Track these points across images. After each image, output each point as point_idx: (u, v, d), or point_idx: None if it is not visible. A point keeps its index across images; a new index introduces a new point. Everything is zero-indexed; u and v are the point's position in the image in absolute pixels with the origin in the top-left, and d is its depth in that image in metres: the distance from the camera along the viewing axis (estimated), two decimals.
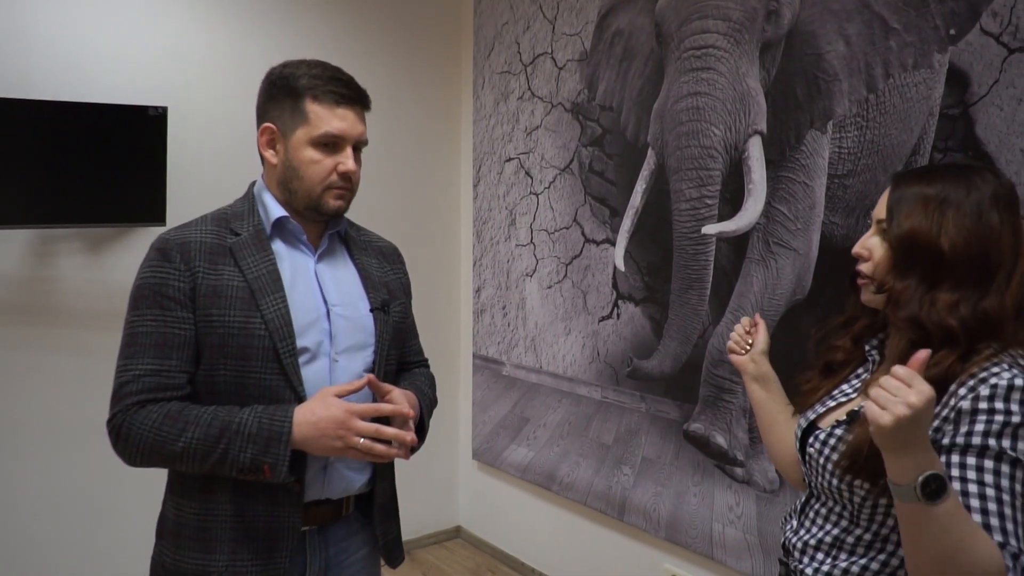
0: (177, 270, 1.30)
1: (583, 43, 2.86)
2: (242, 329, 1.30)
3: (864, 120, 2.00)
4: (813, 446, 1.19)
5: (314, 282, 1.40)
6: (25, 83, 2.53)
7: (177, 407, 1.27)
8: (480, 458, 3.50)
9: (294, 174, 1.36)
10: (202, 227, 1.36)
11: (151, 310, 1.29)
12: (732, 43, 2.29)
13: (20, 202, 2.45)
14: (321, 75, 1.36)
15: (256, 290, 1.31)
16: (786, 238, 2.20)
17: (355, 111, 1.39)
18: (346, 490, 1.41)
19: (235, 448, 1.23)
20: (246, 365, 1.30)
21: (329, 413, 1.24)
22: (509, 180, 3.26)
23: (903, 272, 1.13)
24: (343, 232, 1.49)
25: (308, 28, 3.12)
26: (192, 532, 1.33)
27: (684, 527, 2.53)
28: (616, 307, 2.76)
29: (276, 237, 1.39)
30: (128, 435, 1.26)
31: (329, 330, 1.37)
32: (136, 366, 1.28)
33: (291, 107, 1.35)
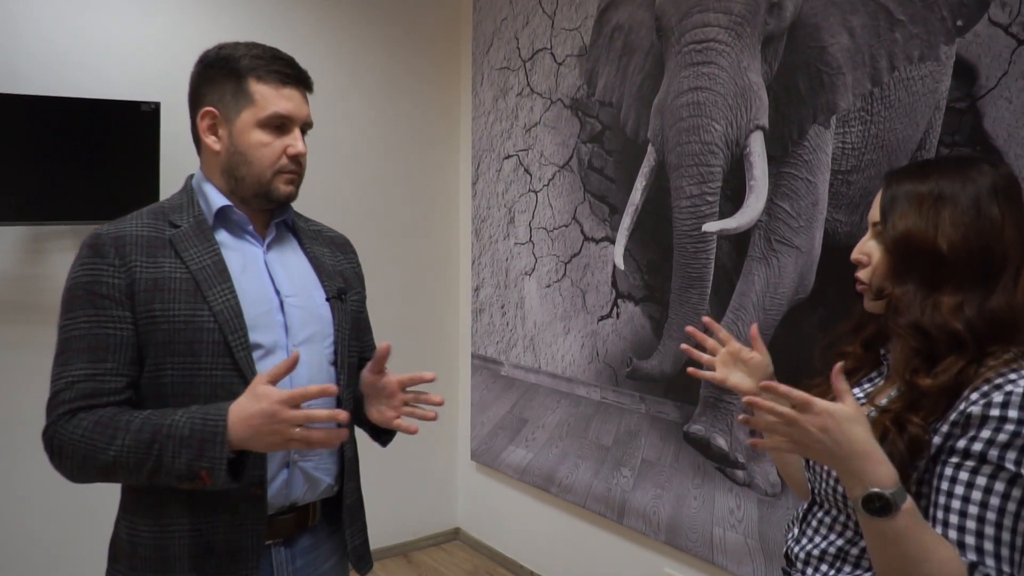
0: (111, 266, 1.20)
1: (583, 38, 2.81)
2: (189, 323, 1.20)
3: (868, 114, 1.95)
4: None
5: (264, 272, 1.31)
6: (15, 77, 2.50)
7: (109, 413, 1.16)
8: (479, 459, 3.46)
9: (242, 159, 1.28)
10: (137, 221, 1.27)
11: (84, 311, 1.19)
12: (733, 37, 2.24)
13: (11, 199, 2.42)
14: (263, 55, 1.29)
15: (201, 281, 1.22)
16: (788, 236, 2.15)
17: (300, 92, 1.32)
18: (311, 492, 1.32)
19: (168, 454, 1.13)
20: (195, 362, 1.21)
21: (259, 407, 1.12)
22: (508, 177, 3.21)
23: (901, 276, 1.07)
24: (290, 221, 1.40)
25: (304, 24, 3.08)
26: (148, 552, 1.22)
27: (684, 530, 2.48)
28: (616, 306, 2.72)
29: (220, 228, 1.30)
30: (61, 448, 1.16)
31: (284, 322, 1.29)
32: (69, 373, 1.17)
33: (233, 89, 1.27)
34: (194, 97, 1.33)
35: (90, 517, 2.69)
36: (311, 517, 1.35)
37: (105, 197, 2.53)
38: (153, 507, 1.23)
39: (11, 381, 2.58)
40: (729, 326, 2.30)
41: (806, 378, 1.32)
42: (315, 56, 3.10)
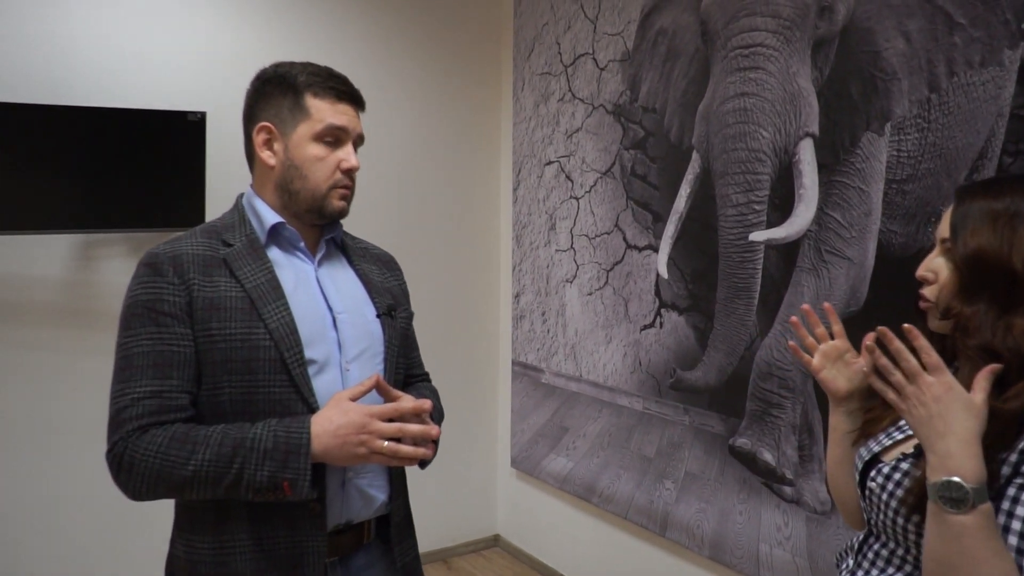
0: (171, 284, 1.21)
1: (625, 43, 2.77)
2: (245, 341, 1.22)
3: (926, 121, 1.88)
4: (875, 480, 1.09)
5: (316, 289, 1.33)
6: (68, 90, 2.55)
7: (183, 428, 1.18)
8: (519, 466, 3.43)
9: (296, 173, 1.30)
10: (192, 240, 1.28)
11: (146, 328, 1.20)
12: (782, 41, 2.18)
13: (63, 207, 2.47)
14: (319, 72, 1.32)
15: (256, 299, 1.23)
16: (839, 246, 2.08)
17: (354, 107, 1.34)
18: (365, 509, 1.33)
19: (251, 466, 1.15)
20: (253, 379, 1.22)
21: (348, 419, 1.16)
22: (549, 184, 3.18)
23: (971, 296, 1.02)
24: (339, 239, 1.42)
25: (346, 32, 3.09)
26: (208, 570, 1.23)
27: (729, 546, 2.42)
28: (659, 315, 2.67)
29: (272, 245, 1.32)
30: (132, 464, 1.16)
31: (337, 338, 1.30)
32: (134, 389, 1.18)
33: (290, 104, 1.30)
34: (249, 113, 1.35)
35: (137, 518, 2.74)
36: (366, 535, 1.35)
37: (153, 205, 2.57)
38: (213, 524, 1.24)
39: (64, 384, 2.63)
40: (777, 338, 2.25)
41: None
42: (357, 64, 3.11)
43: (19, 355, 2.57)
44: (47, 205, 2.44)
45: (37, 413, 2.60)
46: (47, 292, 2.60)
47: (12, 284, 2.54)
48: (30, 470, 2.60)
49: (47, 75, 2.52)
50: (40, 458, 2.61)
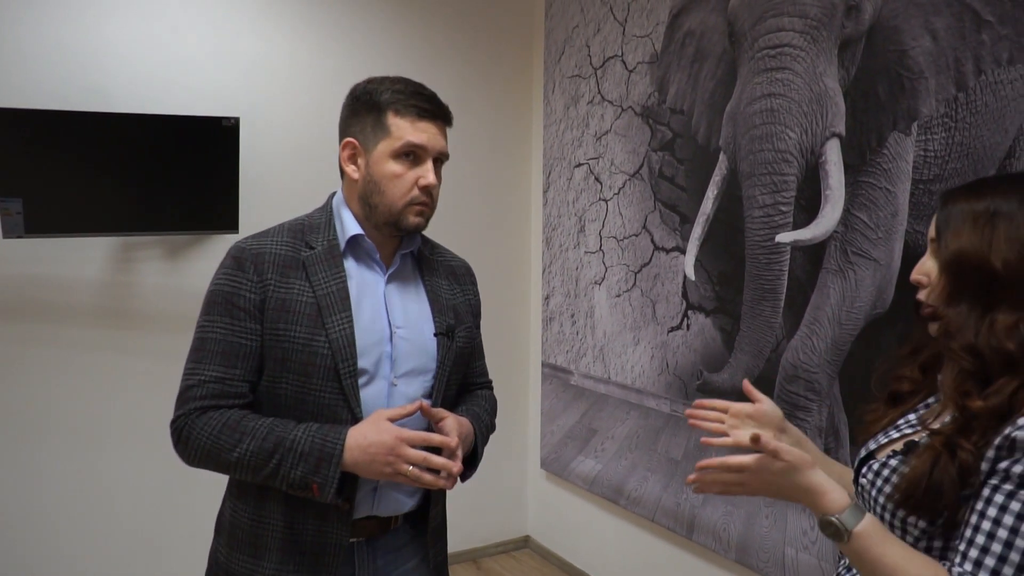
0: (250, 281, 1.31)
1: (654, 45, 2.77)
2: (306, 346, 1.30)
3: (953, 121, 1.85)
4: (866, 476, 1.09)
5: (381, 303, 1.38)
6: (106, 97, 2.64)
7: (236, 416, 1.28)
8: (548, 468, 3.45)
9: (375, 188, 1.35)
10: (278, 238, 1.37)
11: (222, 318, 1.31)
12: (809, 41, 2.16)
13: (102, 211, 2.55)
14: (403, 90, 1.36)
15: (324, 307, 1.31)
16: (866, 247, 2.06)
17: (437, 125, 1.38)
18: (395, 510, 1.41)
19: (287, 464, 1.25)
20: (307, 382, 1.31)
21: (380, 439, 1.24)
22: (579, 186, 3.19)
23: (955, 297, 1.02)
24: (415, 253, 1.47)
25: (378, 37, 3.14)
26: (244, 535, 1.35)
27: (755, 550, 2.41)
28: (686, 317, 2.66)
29: (349, 254, 1.38)
30: (188, 439, 1.28)
31: (391, 353, 1.36)
32: (203, 371, 1.30)
33: (373, 121, 1.35)
34: (341, 128, 1.41)
35: (170, 511, 2.82)
36: (392, 521, 1.42)
37: (188, 209, 2.65)
38: (255, 498, 1.35)
39: (104, 382, 2.73)
40: (803, 340, 2.23)
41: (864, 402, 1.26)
42: (388, 68, 3.16)
43: (60, 353, 2.67)
44: (87, 209, 2.53)
45: (79, 410, 2.70)
46: (87, 293, 2.69)
47: (53, 285, 2.64)
48: (73, 468, 2.69)
49: (86, 83, 2.62)
50: (82, 456, 2.70)
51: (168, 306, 2.81)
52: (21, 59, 2.54)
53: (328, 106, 3.04)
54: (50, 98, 2.56)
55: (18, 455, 2.62)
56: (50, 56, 2.57)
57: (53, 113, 2.44)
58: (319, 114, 3.01)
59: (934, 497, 0.95)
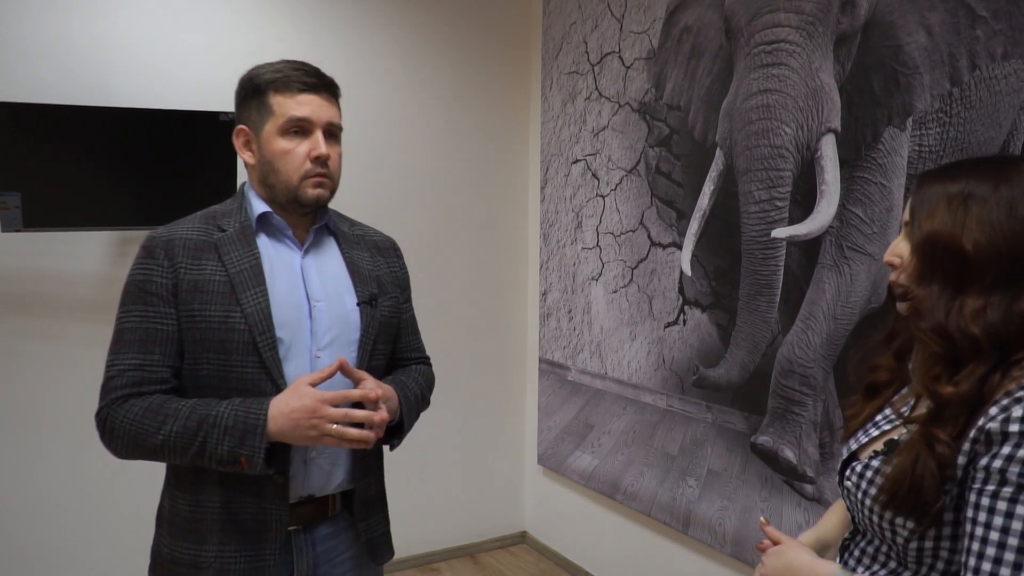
0: (160, 267, 1.32)
1: (651, 41, 2.78)
2: (222, 323, 1.31)
3: (947, 116, 1.86)
4: (851, 479, 1.09)
5: (298, 277, 1.40)
6: (105, 92, 2.65)
7: (158, 401, 1.29)
8: (545, 463, 3.45)
9: (270, 168, 1.37)
10: (190, 224, 1.38)
11: (136, 306, 1.32)
12: (805, 37, 2.17)
13: (101, 205, 2.56)
14: (283, 68, 1.37)
15: (237, 284, 1.33)
16: (861, 242, 2.07)
17: (321, 97, 1.38)
18: (327, 485, 1.42)
19: (212, 440, 1.25)
20: (227, 359, 1.32)
21: (301, 403, 1.25)
22: (576, 182, 3.20)
23: (926, 278, 1.02)
24: (332, 226, 1.48)
25: (377, 33, 3.15)
26: (184, 523, 1.36)
27: (751, 544, 2.41)
28: (682, 313, 2.67)
29: (261, 233, 1.40)
30: (113, 429, 1.29)
31: (311, 326, 1.38)
32: (121, 361, 1.31)
33: (258, 104, 1.37)
34: (236, 119, 1.43)
35: None
36: (331, 508, 1.44)
37: (186, 203, 2.61)
38: (191, 484, 1.36)
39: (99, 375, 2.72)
40: (799, 335, 2.23)
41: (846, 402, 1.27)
42: (386, 64, 3.17)
43: (58, 347, 2.67)
44: (85, 203, 2.53)
45: (77, 404, 2.70)
46: (84, 287, 2.70)
47: (51, 279, 2.65)
48: (70, 461, 2.70)
49: (85, 77, 2.62)
50: (80, 449, 2.71)
51: None
52: (20, 53, 2.54)
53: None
54: (49, 92, 2.56)
55: (16, 449, 2.62)
56: (49, 50, 2.58)
57: (52, 107, 2.44)
58: None
59: (917, 495, 0.94)
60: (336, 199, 1.45)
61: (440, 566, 3.42)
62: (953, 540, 0.97)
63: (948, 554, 0.98)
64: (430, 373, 1.62)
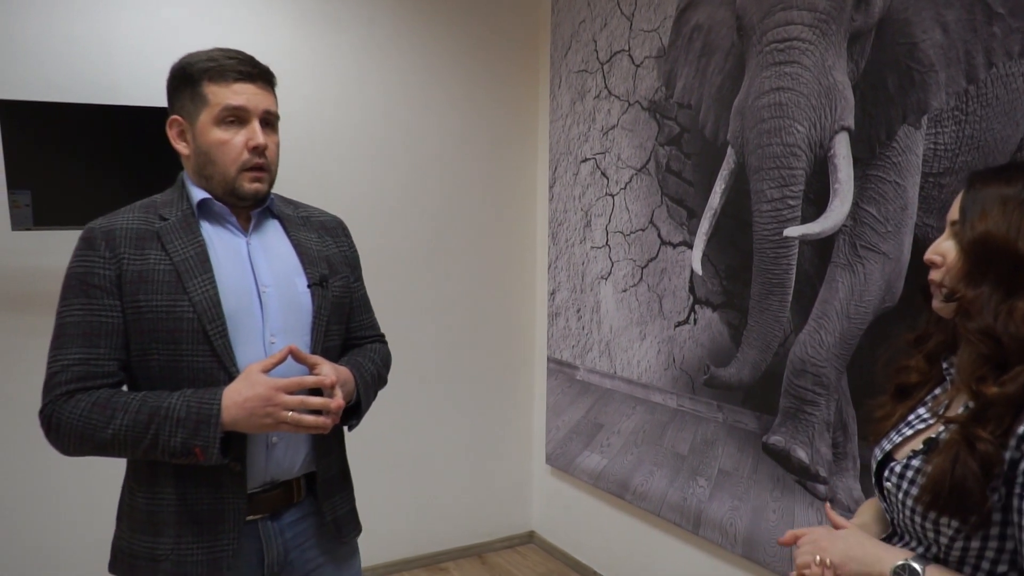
0: (102, 258, 1.29)
1: (661, 39, 2.77)
2: (170, 313, 1.29)
3: (963, 114, 1.85)
4: (890, 480, 1.08)
5: (246, 262, 1.38)
6: (114, 90, 2.64)
7: (106, 395, 1.26)
8: (553, 463, 3.45)
9: (207, 159, 1.35)
10: (129, 215, 1.35)
11: (78, 299, 1.29)
12: (818, 35, 2.16)
13: (111, 203, 2.53)
14: (216, 57, 1.35)
15: (183, 272, 1.30)
16: (875, 241, 2.05)
17: (257, 85, 1.36)
18: (289, 469, 1.40)
19: (165, 433, 1.23)
20: (177, 349, 1.29)
21: (255, 392, 1.23)
22: (585, 181, 3.19)
23: (976, 279, 1.02)
24: (274, 209, 1.46)
25: (385, 31, 3.14)
26: (142, 516, 1.34)
27: (762, 544, 2.40)
28: (693, 312, 2.66)
29: (204, 221, 1.38)
30: (59, 425, 1.26)
31: (262, 311, 1.36)
32: (65, 356, 1.27)
33: (191, 94, 1.34)
34: (168, 109, 1.40)
35: None
36: (296, 494, 1.43)
37: None
38: (147, 477, 1.34)
39: None
40: (811, 334, 2.22)
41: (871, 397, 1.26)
42: (393, 62, 3.16)
43: None
44: (95, 201, 2.53)
45: None
46: None
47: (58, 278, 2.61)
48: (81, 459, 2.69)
49: (94, 76, 2.62)
50: None
51: None
52: (30, 52, 2.54)
53: (332, 101, 3.05)
54: (59, 91, 2.56)
55: (25, 446, 2.62)
56: (59, 49, 2.58)
57: (62, 105, 2.44)
58: (323, 109, 3.01)
59: (960, 495, 0.94)
60: (342, 198, 1.44)
61: (448, 566, 3.42)
62: (1001, 540, 0.96)
63: (994, 554, 0.97)
64: (385, 351, 1.60)
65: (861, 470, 2.11)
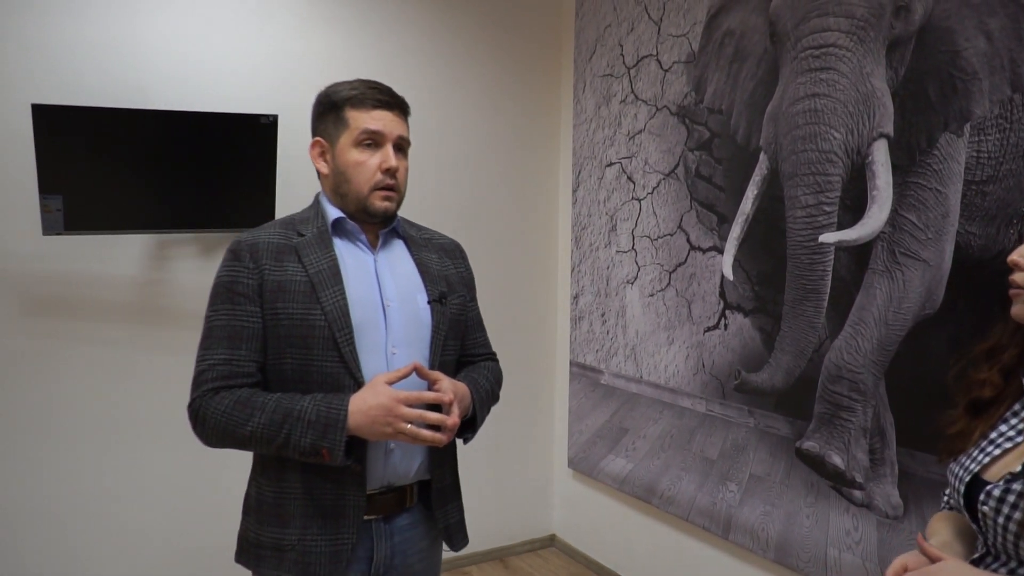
0: (247, 268, 1.42)
1: (691, 44, 2.77)
2: (304, 320, 1.40)
3: (1008, 122, 1.85)
4: (987, 504, 1.06)
5: (373, 277, 1.49)
6: (145, 94, 2.64)
7: (246, 394, 1.38)
8: (576, 467, 3.45)
9: (343, 178, 1.47)
10: (271, 230, 1.49)
11: (224, 305, 1.42)
12: (855, 41, 2.16)
13: (142, 208, 2.55)
14: (358, 86, 1.48)
15: (317, 284, 1.41)
16: (915, 248, 2.06)
17: (393, 113, 1.49)
18: (404, 475, 1.49)
19: (296, 433, 1.33)
20: (309, 354, 1.40)
21: (378, 401, 1.33)
22: (610, 185, 3.19)
23: None
24: (400, 229, 1.57)
25: (410, 35, 3.14)
26: (270, 509, 1.44)
27: (795, 550, 2.41)
28: (723, 317, 2.66)
29: (337, 237, 1.50)
30: (205, 419, 1.38)
31: (385, 324, 1.46)
32: (211, 356, 1.40)
33: (334, 119, 1.48)
34: (312, 131, 1.54)
35: (195, 502, 2.83)
36: (409, 499, 1.51)
37: (225, 206, 2.65)
38: (276, 472, 1.44)
39: (136, 379, 2.72)
40: (848, 340, 2.23)
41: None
42: (418, 66, 3.16)
43: (93, 351, 2.66)
44: (126, 206, 2.53)
45: (111, 407, 2.70)
46: (121, 290, 2.69)
47: (88, 282, 2.64)
48: (106, 464, 2.69)
49: (125, 80, 2.62)
50: (114, 452, 2.70)
51: (202, 304, 2.79)
52: (62, 56, 2.53)
53: None
54: (90, 95, 2.56)
55: (52, 448, 2.62)
56: (91, 53, 2.57)
57: (94, 110, 2.43)
58: None
59: None
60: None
61: (470, 570, 3.42)
62: None
63: None
64: (498, 369, 1.70)
65: (899, 476, 2.11)
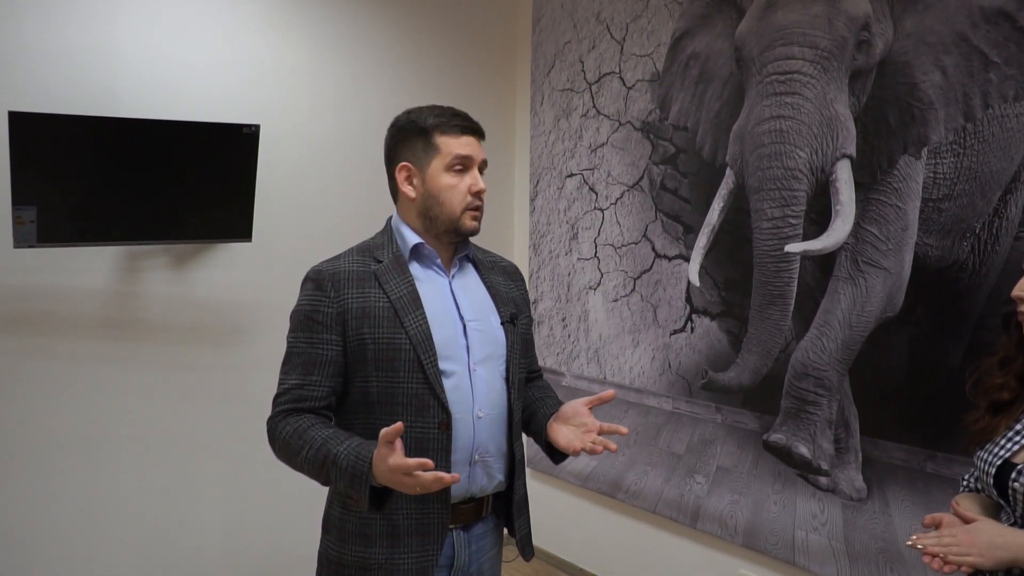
0: (328, 297, 1.49)
1: (655, 64, 2.94)
2: (389, 344, 1.47)
3: (961, 147, 2.11)
4: (1018, 481, 1.24)
5: (450, 300, 1.56)
6: (120, 102, 2.56)
7: (305, 424, 1.45)
8: (536, 467, 3.56)
9: (434, 201, 1.54)
10: (349, 258, 1.55)
11: (303, 332, 1.50)
12: (819, 70, 2.38)
13: (118, 220, 2.46)
14: (444, 113, 1.56)
15: (399, 309, 1.48)
16: (876, 257, 2.29)
17: (476, 138, 1.59)
18: (485, 487, 1.56)
19: (334, 475, 1.41)
20: (395, 376, 1.47)
21: (380, 468, 1.33)
22: (571, 195, 3.33)
23: None
24: (471, 255, 1.65)
25: (360, 42, 3.16)
26: (354, 528, 1.50)
27: (763, 534, 2.61)
28: (690, 321, 2.84)
29: (413, 261, 1.56)
30: (274, 440, 1.49)
31: (466, 343, 1.53)
32: (288, 380, 1.49)
33: (423, 144, 1.54)
34: (390, 156, 1.60)
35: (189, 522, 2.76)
36: (485, 508, 1.59)
37: (200, 217, 2.59)
38: None
39: (109, 394, 2.63)
40: (813, 341, 2.45)
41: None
42: (371, 72, 3.19)
43: (63, 366, 2.55)
44: (101, 217, 2.44)
45: (88, 422, 2.60)
46: (91, 303, 2.59)
47: (59, 295, 2.53)
48: (79, 480, 2.59)
49: (100, 87, 2.52)
50: (85, 469, 2.60)
51: (175, 316, 2.74)
52: (38, 62, 2.41)
53: (337, 116, 3.04)
54: (63, 103, 2.45)
55: (25, 468, 2.49)
56: (65, 59, 2.46)
57: (72, 118, 2.34)
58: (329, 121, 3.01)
59: None
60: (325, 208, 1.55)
61: None
62: None
63: None
64: (548, 386, 1.80)
65: (863, 462, 2.35)
